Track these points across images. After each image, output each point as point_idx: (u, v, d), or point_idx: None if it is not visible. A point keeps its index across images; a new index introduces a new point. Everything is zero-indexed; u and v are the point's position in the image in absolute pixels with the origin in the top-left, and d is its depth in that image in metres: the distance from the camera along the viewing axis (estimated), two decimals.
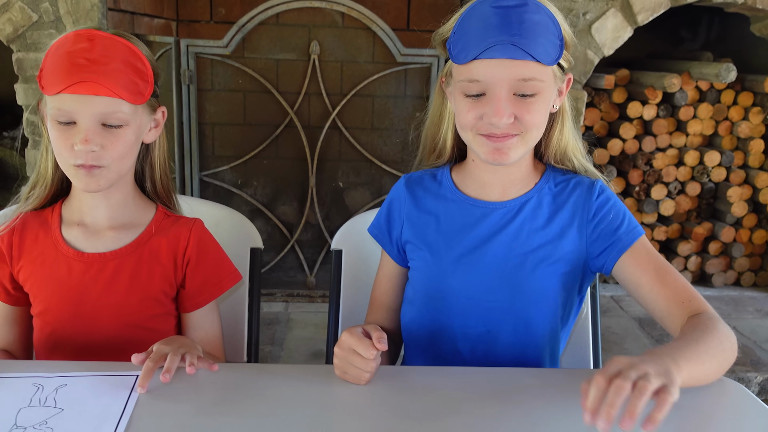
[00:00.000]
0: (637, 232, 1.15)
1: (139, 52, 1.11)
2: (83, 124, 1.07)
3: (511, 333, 1.18)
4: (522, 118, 1.07)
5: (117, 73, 1.07)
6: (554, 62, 1.08)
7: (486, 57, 1.04)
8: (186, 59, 2.76)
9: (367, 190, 3.11)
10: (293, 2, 2.73)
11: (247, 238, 1.40)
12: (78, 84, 1.05)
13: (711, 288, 3.31)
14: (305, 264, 3.03)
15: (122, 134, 1.10)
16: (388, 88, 2.95)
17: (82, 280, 1.16)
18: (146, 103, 1.14)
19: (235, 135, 2.99)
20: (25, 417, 0.91)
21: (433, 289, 1.21)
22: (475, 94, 1.08)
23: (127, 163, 1.15)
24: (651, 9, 2.73)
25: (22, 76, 2.70)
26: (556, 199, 1.19)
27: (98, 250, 1.17)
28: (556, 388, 1.01)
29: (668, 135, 3.20)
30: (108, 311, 1.17)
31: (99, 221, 1.18)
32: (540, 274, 1.16)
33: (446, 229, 1.21)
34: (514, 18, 1.03)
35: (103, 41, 1.08)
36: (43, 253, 1.17)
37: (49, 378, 1.00)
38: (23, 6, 2.61)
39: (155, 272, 1.19)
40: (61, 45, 1.07)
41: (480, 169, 1.19)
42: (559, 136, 1.19)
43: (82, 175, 1.09)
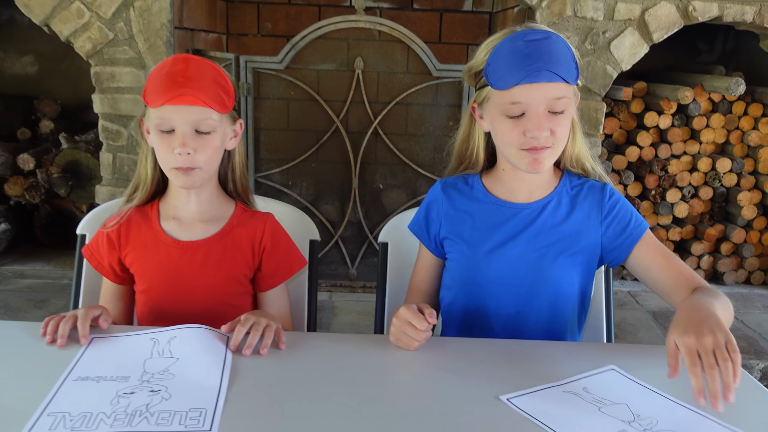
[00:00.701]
0: (643, 226, 1.35)
1: (223, 72, 1.34)
2: (180, 129, 1.27)
3: (537, 314, 1.35)
4: (555, 131, 1.24)
5: (207, 88, 1.28)
6: (576, 81, 1.26)
7: (526, 82, 1.21)
8: (245, 73, 3.05)
9: (403, 191, 3.35)
10: (341, 23, 3.02)
11: (307, 231, 1.57)
12: (177, 97, 1.26)
13: (723, 285, 3.50)
14: (347, 258, 3.29)
15: (211, 139, 1.30)
16: (424, 99, 3.19)
17: (178, 263, 1.37)
18: (228, 114, 1.34)
19: (286, 140, 3.25)
20: (151, 365, 1.09)
21: (469, 276, 1.37)
22: (517, 114, 1.24)
23: (215, 164, 1.35)
24: (666, 27, 2.95)
25: (98, 87, 2.99)
26: (573, 200, 1.36)
27: (190, 239, 1.38)
28: (574, 357, 1.20)
29: (682, 143, 3.40)
30: (199, 289, 1.37)
31: (190, 215, 1.39)
32: (561, 263, 1.33)
33: (480, 226, 1.37)
34: (544, 49, 1.21)
35: (196, 63, 1.30)
36: (146, 241, 1.38)
37: (161, 333, 1.18)
38: (101, 26, 2.91)
39: (237, 258, 1.39)
40: (162, 67, 1.29)
41: (510, 177, 1.36)
42: (572, 144, 1.36)
43: (180, 175, 1.30)
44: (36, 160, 3.40)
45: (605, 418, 0.99)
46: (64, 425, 0.92)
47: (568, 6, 2.92)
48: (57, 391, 1.01)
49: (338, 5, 3.89)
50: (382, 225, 3.10)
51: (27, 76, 4.03)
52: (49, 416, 0.94)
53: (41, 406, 0.96)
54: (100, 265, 1.41)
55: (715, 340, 0.99)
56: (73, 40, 2.93)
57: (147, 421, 0.94)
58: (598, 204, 1.36)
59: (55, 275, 3.30)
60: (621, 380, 1.11)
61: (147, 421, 0.94)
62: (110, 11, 2.89)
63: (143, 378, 1.06)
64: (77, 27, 2.91)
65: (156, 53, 2.93)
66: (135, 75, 2.97)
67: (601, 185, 1.38)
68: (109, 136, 3.04)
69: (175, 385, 1.04)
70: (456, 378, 1.11)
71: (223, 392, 1.02)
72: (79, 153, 3.36)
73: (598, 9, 2.92)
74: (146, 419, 0.94)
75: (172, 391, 1.02)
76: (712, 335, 1.00)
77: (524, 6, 3.03)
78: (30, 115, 3.82)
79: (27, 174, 3.45)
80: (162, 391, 1.02)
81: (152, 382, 1.05)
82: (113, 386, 1.03)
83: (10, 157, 3.40)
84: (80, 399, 0.99)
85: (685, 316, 1.07)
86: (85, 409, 0.96)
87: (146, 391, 1.02)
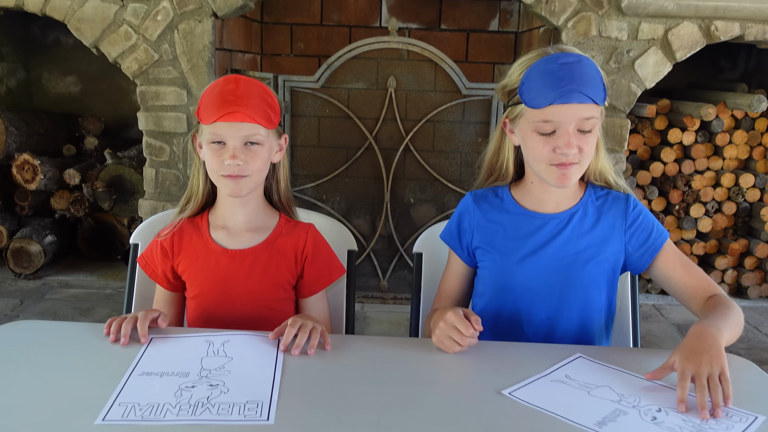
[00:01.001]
0: (664, 236, 1.41)
1: (270, 91, 1.42)
2: (231, 143, 1.36)
3: (568, 319, 1.40)
4: (583, 149, 1.31)
5: (256, 106, 1.36)
6: (603, 102, 1.32)
7: (558, 103, 1.28)
8: (282, 91, 3.19)
9: (432, 205, 3.44)
10: (374, 43, 3.15)
11: (344, 242, 1.63)
12: (228, 114, 1.34)
13: (747, 299, 3.54)
14: (379, 270, 3.39)
15: (259, 151, 1.39)
16: (453, 116, 3.30)
17: (227, 270, 1.44)
18: (275, 129, 1.42)
19: (319, 156, 3.37)
20: (208, 363, 1.17)
21: (501, 284, 1.42)
22: (548, 132, 1.31)
23: (262, 175, 1.43)
24: (688, 47, 3.03)
25: (143, 105, 3.15)
26: (599, 210, 1.42)
27: (238, 247, 1.45)
28: (598, 359, 1.25)
29: (706, 159, 3.47)
30: (246, 295, 1.44)
31: (238, 224, 1.46)
32: (588, 270, 1.39)
33: (511, 235, 1.42)
34: (576, 72, 1.28)
35: (245, 82, 1.38)
36: (197, 250, 1.46)
37: (215, 336, 1.27)
38: (147, 47, 3.07)
39: (281, 265, 1.46)
40: (215, 87, 1.38)
41: (538, 189, 1.42)
42: (596, 160, 1.42)
43: (230, 182, 1.38)
44: (81, 175, 3.56)
45: (598, 400, 1.10)
46: (134, 413, 1.02)
47: (593, 26, 3.02)
48: (125, 384, 1.10)
49: (368, 26, 4.01)
50: (413, 238, 3.21)
51: (71, 95, 4.22)
52: (120, 405, 1.04)
53: (112, 396, 1.06)
54: (154, 273, 1.50)
55: (710, 371, 1.11)
56: (121, 61, 3.09)
57: (209, 412, 1.03)
58: (622, 214, 1.42)
59: (98, 285, 3.45)
60: (593, 366, 1.23)
61: (209, 411, 1.03)
62: (156, 34, 3.04)
63: (202, 374, 1.14)
64: (125, 49, 3.07)
65: (198, 73, 3.08)
66: (178, 94, 3.12)
67: (624, 196, 1.44)
68: (152, 151, 3.19)
69: (231, 380, 1.12)
70: (489, 376, 1.20)
71: (277, 387, 1.11)
72: (123, 168, 3.52)
73: (623, 29, 3.01)
74: (208, 410, 1.03)
75: (229, 386, 1.11)
76: (709, 366, 1.11)
77: (550, 26, 3.13)
78: (74, 132, 4.00)
79: (72, 188, 3.61)
80: (220, 385, 1.11)
81: (210, 377, 1.13)
82: (175, 380, 1.12)
83: (57, 172, 3.56)
84: (146, 391, 1.09)
85: (692, 342, 1.17)
86: (152, 400, 1.06)
87: (206, 385, 1.10)
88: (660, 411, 1.07)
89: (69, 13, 3.05)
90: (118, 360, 1.19)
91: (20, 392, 1.08)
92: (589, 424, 1.02)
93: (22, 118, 3.65)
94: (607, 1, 2.99)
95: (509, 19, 4.01)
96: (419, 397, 1.12)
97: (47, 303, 3.18)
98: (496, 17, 4.01)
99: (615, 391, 1.13)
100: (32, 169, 3.49)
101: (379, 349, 1.31)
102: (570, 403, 1.09)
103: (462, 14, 4.01)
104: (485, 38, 4.04)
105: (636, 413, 1.06)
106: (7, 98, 3.98)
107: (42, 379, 1.13)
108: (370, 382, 1.17)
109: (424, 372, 1.23)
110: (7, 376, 1.13)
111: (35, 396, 1.08)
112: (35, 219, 3.67)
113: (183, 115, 3.13)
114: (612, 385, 1.15)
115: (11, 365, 1.17)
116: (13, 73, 4.06)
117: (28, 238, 3.46)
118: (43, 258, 3.47)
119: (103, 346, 1.26)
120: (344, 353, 1.28)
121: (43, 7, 3.06)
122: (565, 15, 3.01)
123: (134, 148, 3.77)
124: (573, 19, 3.01)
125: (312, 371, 1.19)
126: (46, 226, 3.59)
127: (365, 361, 1.26)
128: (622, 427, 1.02)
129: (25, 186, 3.54)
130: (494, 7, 3.99)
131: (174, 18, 3.04)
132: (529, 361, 1.24)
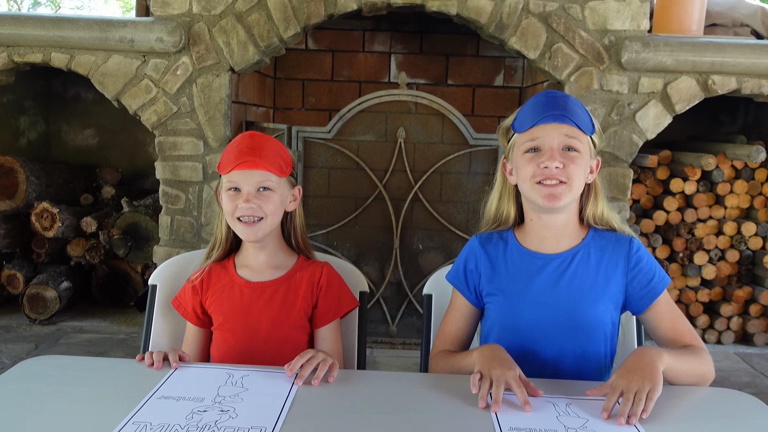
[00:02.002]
0: (665, 281, 1.46)
1: (282, 146, 1.60)
2: (245, 189, 1.52)
3: (572, 357, 1.44)
4: (567, 166, 1.38)
5: (268, 156, 1.53)
6: (590, 133, 1.42)
7: (542, 123, 1.40)
8: (296, 142, 3.31)
9: (440, 252, 3.51)
10: (384, 96, 3.28)
11: (357, 284, 1.71)
12: (243, 163, 1.51)
13: (753, 346, 3.57)
14: (388, 316, 3.44)
15: (272, 196, 1.53)
16: (460, 166, 3.41)
17: (249, 300, 1.57)
18: (286, 179, 1.57)
19: (331, 205, 3.47)
20: (223, 390, 1.27)
21: (507, 324, 1.47)
22: (533, 148, 1.40)
23: (276, 219, 1.56)
24: (687, 99, 3.14)
25: (161, 155, 3.25)
26: (602, 250, 1.46)
27: (260, 280, 1.59)
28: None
29: (708, 207, 3.55)
30: (264, 322, 1.56)
31: (260, 264, 1.61)
32: (593, 310, 1.43)
33: (516, 276, 1.47)
34: (561, 101, 1.42)
35: (260, 137, 1.56)
36: (224, 284, 1.60)
37: (236, 370, 1.37)
38: (166, 100, 3.20)
39: (298, 296, 1.58)
40: (234, 143, 1.55)
41: (537, 226, 1.47)
42: (594, 202, 1.49)
43: (245, 226, 1.53)
44: (98, 223, 3.65)
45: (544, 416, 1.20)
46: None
47: (595, 80, 3.15)
48: (142, 406, 1.19)
49: (377, 81, 4.17)
50: (421, 284, 3.27)
51: (88, 147, 4.35)
52: (133, 424, 1.12)
53: (127, 416, 1.14)
54: (185, 311, 1.62)
55: (640, 387, 1.21)
56: (141, 113, 3.22)
57: None
58: (625, 256, 1.46)
59: (111, 330, 3.50)
60: (615, 411, 1.22)
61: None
62: (175, 87, 3.18)
63: (216, 400, 1.23)
64: (145, 101, 3.20)
65: (214, 125, 3.20)
66: (195, 144, 3.23)
67: (628, 238, 1.48)
68: (168, 200, 3.28)
69: (242, 407, 1.20)
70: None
71: (284, 415, 1.17)
72: (139, 216, 3.61)
73: (623, 83, 3.14)
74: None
75: (239, 412, 1.18)
76: (640, 382, 1.22)
77: (553, 81, 3.27)
78: (91, 182, 4.11)
79: (89, 236, 3.70)
80: (230, 411, 1.18)
81: (223, 403, 1.22)
82: (190, 405, 1.20)
83: (74, 220, 3.66)
84: (160, 413, 1.17)
85: (630, 361, 1.28)
86: (164, 421, 1.13)
87: (217, 410, 1.19)
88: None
89: (93, 68, 3.19)
90: (138, 387, 1.27)
91: (43, 418, 1.15)
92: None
93: (42, 168, 3.76)
94: (608, 57, 3.13)
95: (514, 75, 4.16)
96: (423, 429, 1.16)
97: (62, 347, 3.23)
98: (501, 73, 4.16)
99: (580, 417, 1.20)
100: (51, 217, 3.58)
101: (387, 384, 1.36)
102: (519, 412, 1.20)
103: (468, 70, 4.17)
104: (491, 93, 4.19)
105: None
106: (27, 150, 4.11)
107: (63, 407, 1.19)
108: (378, 413, 1.21)
109: (430, 406, 1.25)
110: (31, 406, 1.19)
111: (55, 420, 1.14)
112: (51, 266, 3.75)
113: (199, 164, 3.24)
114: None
115: (37, 395, 1.24)
116: (34, 126, 4.20)
117: (44, 284, 3.53)
118: (58, 304, 3.53)
119: (122, 377, 1.33)
120: (352, 387, 1.34)
121: (69, 62, 3.20)
122: (567, 70, 3.15)
123: (149, 197, 3.87)
124: (575, 74, 3.14)
125: (320, 402, 1.25)
126: (62, 273, 3.67)
127: (373, 394, 1.30)
128: None
129: (43, 233, 3.63)
130: (499, 63, 4.15)
131: (193, 72, 3.18)
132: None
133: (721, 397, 1.34)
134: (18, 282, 3.65)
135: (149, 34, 3.10)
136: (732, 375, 3.20)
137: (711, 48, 3.08)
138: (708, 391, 1.36)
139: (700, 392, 1.35)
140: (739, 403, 1.28)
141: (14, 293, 3.68)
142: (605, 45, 3.13)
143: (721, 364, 3.31)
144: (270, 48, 3.19)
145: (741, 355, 3.48)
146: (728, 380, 3.12)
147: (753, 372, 3.26)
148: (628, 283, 1.45)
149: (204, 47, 3.16)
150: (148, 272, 3.55)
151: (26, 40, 3.16)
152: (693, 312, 3.59)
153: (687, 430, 1.18)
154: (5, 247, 3.70)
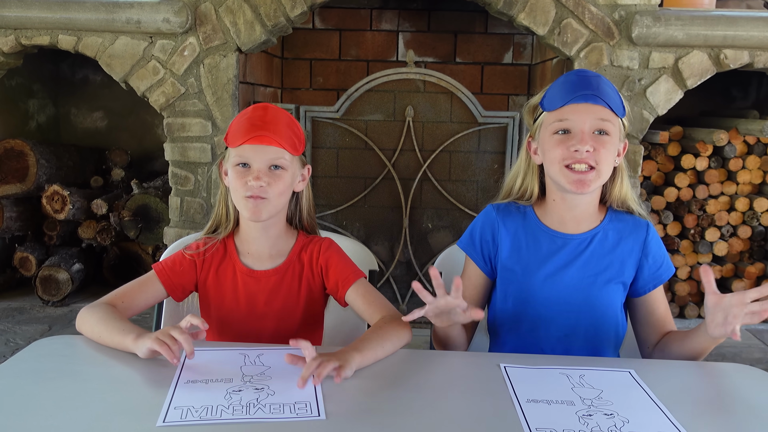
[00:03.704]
0: (670, 271, 1.49)
1: (296, 121, 1.51)
2: (256, 165, 1.41)
3: (584, 336, 1.46)
4: (598, 151, 1.35)
5: (282, 132, 1.43)
6: (621, 115, 1.39)
7: (574, 102, 1.37)
8: (303, 122, 3.30)
9: (449, 231, 3.50)
10: (393, 74, 3.26)
11: (366, 263, 1.69)
12: (255, 137, 1.40)
13: (765, 323, 3.51)
14: (398, 295, 3.46)
15: (282, 175, 1.44)
16: (469, 145, 3.39)
17: (254, 290, 1.51)
18: (298, 157, 1.49)
19: (339, 185, 3.46)
20: (247, 369, 1.24)
21: (522, 298, 1.47)
22: (563, 130, 1.37)
23: (283, 200, 1.47)
24: (699, 74, 3.10)
25: (170, 137, 3.25)
26: (620, 233, 1.47)
27: (264, 268, 1.52)
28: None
29: (719, 184, 3.52)
30: (271, 312, 1.51)
31: (261, 250, 1.52)
32: (607, 291, 1.44)
33: (533, 252, 1.47)
34: (593, 82, 1.38)
35: (273, 110, 1.46)
36: (225, 271, 1.53)
37: (248, 349, 1.33)
38: (174, 81, 3.19)
39: (303, 281, 1.53)
40: (244, 113, 1.45)
41: (559, 207, 1.46)
42: (620, 186, 1.48)
43: (251, 204, 1.42)
44: (108, 205, 3.66)
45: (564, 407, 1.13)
46: (192, 415, 1.06)
47: (605, 56, 3.11)
48: (174, 392, 1.15)
49: (385, 60, 4.14)
50: (431, 263, 3.26)
51: (97, 130, 4.36)
52: (176, 409, 1.08)
53: (166, 401, 1.11)
54: (169, 280, 1.51)
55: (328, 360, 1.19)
56: (149, 95, 3.21)
57: (262, 411, 1.08)
58: (641, 241, 1.47)
59: None
60: (629, 382, 1.23)
61: (262, 411, 1.09)
62: (183, 68, 3.17)
63: (245, 379, 1.20)
64: (153, 83, 3.19)
65: (222, 105, 3.19)
66: (203, 125, 3.23)
67: (645, 224, 1.49)
68: (177, 181, 3.29)
69: (274, 384, 1.18)
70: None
71: (319, 390, 1.16)
72: (149, 197, 3.62)
73: (634, 58, 3.10)
74: (260, 410, 1.09)
75: (274, 389, 1.16)
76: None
77: (563, 57, 3.23)
78: (100, 165, 4.13)
79: (99, 218, 3.71)
80: (266, 388, 1.16)
81: (254, 381, 1.19)
82: (221, 386, 1.17)
83: (85, 202, 3.67)
84: (197, 396, 1.13)
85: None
86: (205, 402, 1.10)
87: (251, 389, 1.16)
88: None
89: (100, 50, 3.18)
90: (150, 366, 1.25)
91: (61, 400, 1.13)
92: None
93: (51, 152, 3.77)
94: (618, 32, 3.09)
95: (523, 52, 4.12)
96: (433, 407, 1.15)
97: (75, 328, 3.25)
98: (510, 50, 4.12)
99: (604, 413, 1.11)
100: (61, 199, 3.60)
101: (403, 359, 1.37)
102: (539, 386, 1.18)
103: (476, 48, 4.13)
104: (499, 71, 4.15)
105: None
106: (37, 133, 4.11)
107: (76, 386, 1.18)
108: (390, 389, 1.21)
109: (437, 381, 1.26)
110: (44, 385, 1.18)
111: (68, 398, 1.13)
112: (63, 248, 3.77)
113: (207, 145, 3.24)
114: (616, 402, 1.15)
115: (50, 375, 1.22)
116: (43, 110, 4.20)
117: (57, 267, 3.55)
118: (71, 285, 3.55)
119: (134, 357, 1.29)
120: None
121: (76, 44, 3.19)
122: (577, 46, 3.11)
123: (159, 179, 3.88)
124: (585, 50, 3.11)
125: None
126: (74, 255, 3.69)
127: (395, 367, 1.32)
128: None
129: (54, 216, 3.65)
130: (508, 40, 4.11)
131: (200, 53, 3.16)
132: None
133: (734, 372, 1.34)
134: (30, 264, 3.68)
135: (156, 15, 3.08)
136: (744, 351, 3.19)
137: (723, 21, 3.03)
138: (720, 367, 1.37)
139: (713, 368, 1.35)
140: (751, 379, 1.28)
141: (27, 275, 3.70)
142: (615, 20, 3.08)
143: (732, 340, 3.28)
144: (277, 27, 3.16)
145: (753, 331, 3.47)
146: (740, 356, 3.11)
147: (765, 348, 3.25)
148: (639, 267, 1.47)
149: (211, 27, 3.14)
150: (159, 253, 3.56)
151: (33, 22, 3.15)
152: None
153: (699, 404, 1.18)
154: (17, 230, 3.72)
